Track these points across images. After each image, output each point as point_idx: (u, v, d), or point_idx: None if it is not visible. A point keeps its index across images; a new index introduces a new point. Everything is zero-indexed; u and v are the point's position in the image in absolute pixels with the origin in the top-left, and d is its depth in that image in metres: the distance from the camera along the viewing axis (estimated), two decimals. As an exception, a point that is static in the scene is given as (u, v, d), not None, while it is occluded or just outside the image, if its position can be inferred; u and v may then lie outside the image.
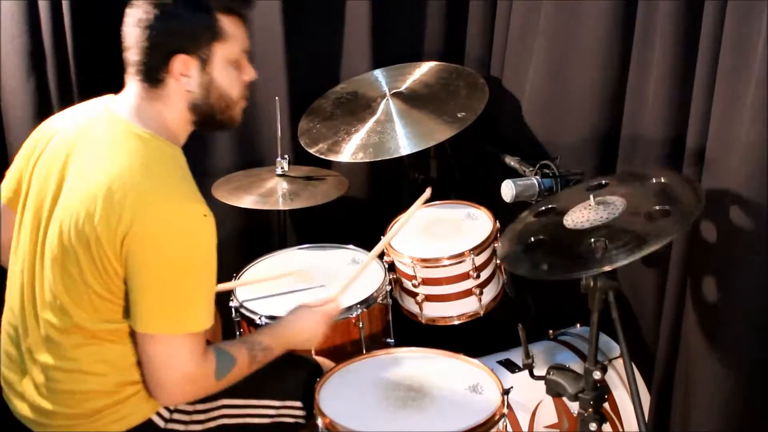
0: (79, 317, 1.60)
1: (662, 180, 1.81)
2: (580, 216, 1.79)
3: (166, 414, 1.71)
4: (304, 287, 2.24)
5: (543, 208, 1.94)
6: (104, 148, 1.60)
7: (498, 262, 2.26)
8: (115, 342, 1.62)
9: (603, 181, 1.91)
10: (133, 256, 1.53)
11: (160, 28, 1.59)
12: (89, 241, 1.55)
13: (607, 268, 1.61)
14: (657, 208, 1.69)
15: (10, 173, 1.78)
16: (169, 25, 1.59)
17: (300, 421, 1.87)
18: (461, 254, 2.17)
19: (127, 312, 1.59)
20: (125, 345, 1.62)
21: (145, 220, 1.52)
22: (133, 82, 1.65)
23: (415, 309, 2.27)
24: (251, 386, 1.81)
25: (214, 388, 1.65)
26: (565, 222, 1.80)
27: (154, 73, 1.62)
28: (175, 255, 1.53)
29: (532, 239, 1.81)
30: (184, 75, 1.62)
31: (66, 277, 1.60)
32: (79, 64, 2.53)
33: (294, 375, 1.90)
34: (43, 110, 2.45)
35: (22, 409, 1.70)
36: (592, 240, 1.67)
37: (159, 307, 1.55)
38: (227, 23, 1.63)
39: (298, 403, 1.86)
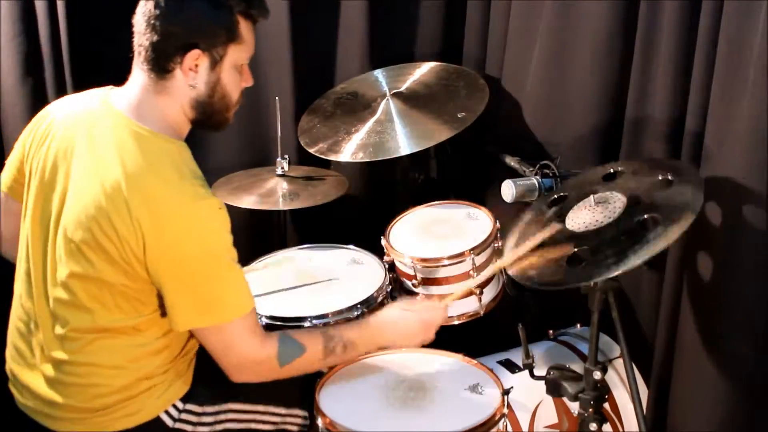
0: (101, 316, 1.61)
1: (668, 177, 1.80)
2: (580, 217, 1.80)
3: (175, 413, 1.71)
4: (307, 284, 2.24)
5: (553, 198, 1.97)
6: (108, 147, 1.60)
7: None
8: (130, 334, 1.63)
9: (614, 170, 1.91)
10: (158, 262, 1.55)
11: (181, 18, 1.59)
12: (105, 242, 1.55)
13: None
14: (646, 216, 1.69)
15: (10, 162, 1.79)
16: (189, 17, 1.59)
17: (302, 429, 1.87)
18: (461, 254, 2.17)
19: (152, 307, 1.62)
20: (142, 337, 1.64)
21: (164, 226, 1.53)
22: (139, 71, 1.65)
23: (415, 309, 2.27)
24: (259, 391, 1.82)
25: (279, 374, 1.68)
26: (567, 222, 1.81)
27: (164, 63, 1.61)
28: (200, 254, 1.56)
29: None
30: (193, 70, 1.62)
31: (83, 277, 1.60)
32: (74, 65, 2.53)
33: (300, 383, 1.89)
34: (39, 109, 2.46)
35: (29, 401, 1.71)
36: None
37: (198, 305, 1.59)
38: (244, 27, 1.64)
39: (303, 412, 1.87)
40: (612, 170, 1.92)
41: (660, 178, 1.78)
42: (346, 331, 1.77)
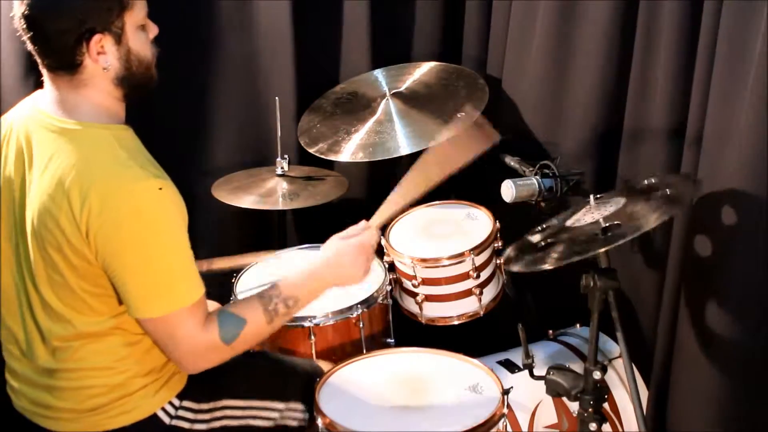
0: (80, 322, 1.59)
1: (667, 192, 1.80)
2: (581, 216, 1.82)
3: (172, 411, 1.71)
4: None
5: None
6: (44, 149, 1.57)
7: (498, 262, 2.26)
8: (115, 335, 1.62)
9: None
10: (103, 250, 1.52)
11: (66, 10, 1.50)
12: (60, 245, 1.54)
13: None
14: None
15: None
16: (74, 6, 1.50)
17: (302, 424, 1.86)
18: (461, 254, 2.17)
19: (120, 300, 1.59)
20: (127, 336, 1.62)
21: (103, 212, 1.49)
22: (50, 75, 1.59)
23: (415, 309, 2.27)
24: (255, 387, 1.81)
25: (230, 352, 1.62)
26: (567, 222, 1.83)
27: (69, 60, 1.54)
28: (142, 239, 1.51)
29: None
30: (102, 53, 1.55)
31: (55, 286, 1.59)
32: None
33: (298, 377, 1.90)
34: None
35: (25, 403, 1.71)
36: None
37: (145, 292, 1.54)
38: None
39: (302, 406, 1.86)
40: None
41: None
42: (284, 289, 1.70)
